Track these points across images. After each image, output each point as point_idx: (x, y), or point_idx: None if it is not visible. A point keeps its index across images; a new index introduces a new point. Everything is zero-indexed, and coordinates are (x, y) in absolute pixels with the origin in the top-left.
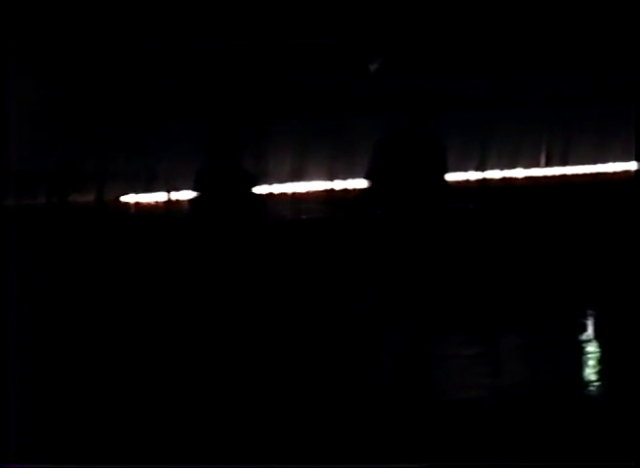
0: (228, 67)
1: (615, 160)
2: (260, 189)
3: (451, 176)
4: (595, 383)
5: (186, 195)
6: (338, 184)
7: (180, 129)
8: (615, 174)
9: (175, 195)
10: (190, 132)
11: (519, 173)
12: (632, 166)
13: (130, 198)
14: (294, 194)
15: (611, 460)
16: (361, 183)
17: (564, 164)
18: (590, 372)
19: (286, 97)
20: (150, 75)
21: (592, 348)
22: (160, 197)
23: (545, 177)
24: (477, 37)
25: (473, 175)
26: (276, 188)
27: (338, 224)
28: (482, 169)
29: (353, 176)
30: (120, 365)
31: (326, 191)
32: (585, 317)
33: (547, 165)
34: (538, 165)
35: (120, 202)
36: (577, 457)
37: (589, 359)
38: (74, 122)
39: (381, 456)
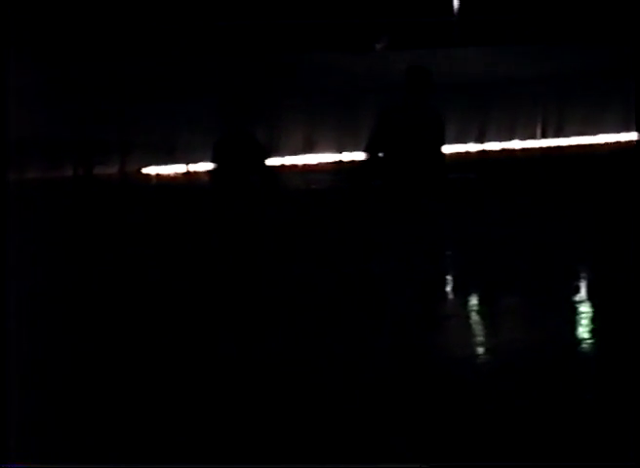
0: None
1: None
2: (272, 161)
3: (451, 148)
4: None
5: (204, 166)
6: (345, 156)
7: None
8: (604, 144)
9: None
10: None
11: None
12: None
13: (151, 169)
14: (304, 165)
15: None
16: (363, 155)
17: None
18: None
19: (296, 74)
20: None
21: (579, 307)
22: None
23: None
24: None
25: (473, 147)
26: (288, 160)
27: (341, 194)
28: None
29: (360, 149)
30: (147, 312)
31: (334, 163)
32: (577, 279)
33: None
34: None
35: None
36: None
37: (573, 314)
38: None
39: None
